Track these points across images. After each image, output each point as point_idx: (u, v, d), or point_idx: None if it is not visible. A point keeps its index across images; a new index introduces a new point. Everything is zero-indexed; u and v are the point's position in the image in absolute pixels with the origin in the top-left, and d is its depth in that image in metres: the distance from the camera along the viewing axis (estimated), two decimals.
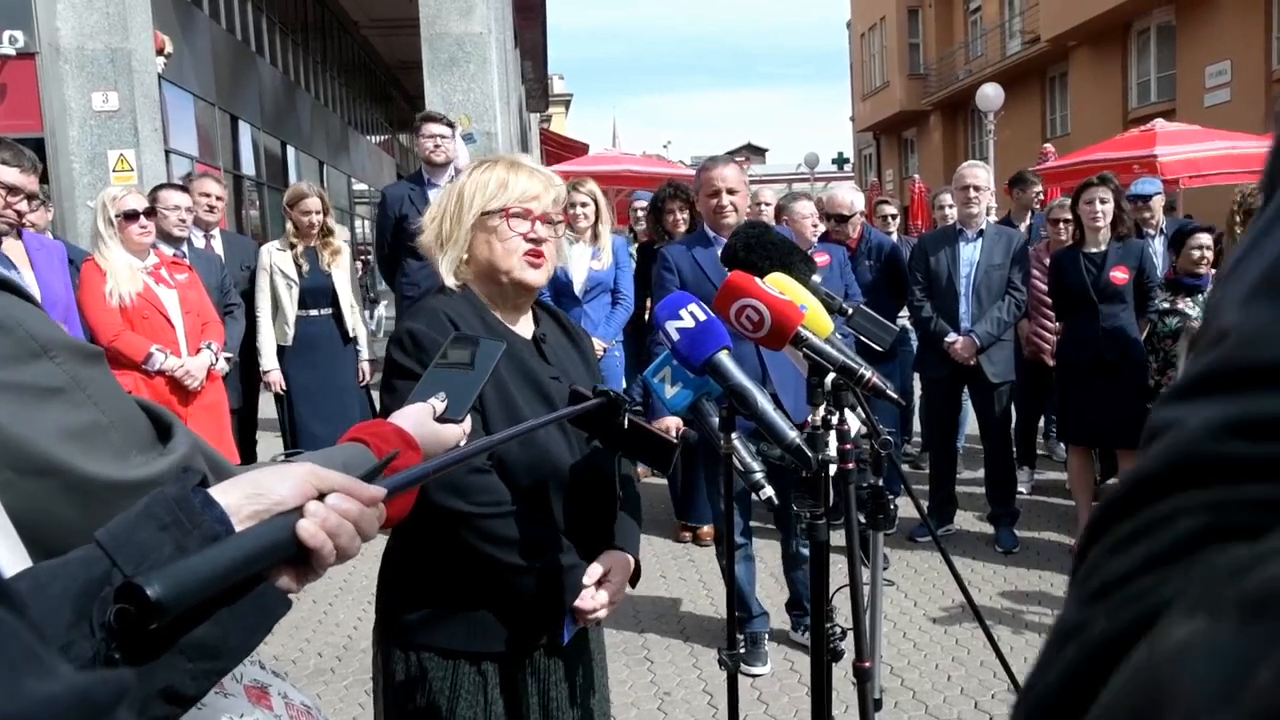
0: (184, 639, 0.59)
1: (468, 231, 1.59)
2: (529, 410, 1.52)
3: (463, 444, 1.08)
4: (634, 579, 1.69)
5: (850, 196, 5.16)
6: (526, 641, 1.57)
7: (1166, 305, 4.50)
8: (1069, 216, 4.68)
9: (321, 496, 0.68)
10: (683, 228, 4.61)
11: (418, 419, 1.03)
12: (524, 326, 1.67)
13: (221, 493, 0.65)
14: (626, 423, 1.33)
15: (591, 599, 1.55)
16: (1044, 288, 4.81)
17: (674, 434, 1.67)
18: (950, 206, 5.49)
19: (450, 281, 1.61)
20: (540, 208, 1.59)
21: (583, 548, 1.60)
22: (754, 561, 3.50)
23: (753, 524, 3.61)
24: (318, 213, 4.58)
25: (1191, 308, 4.47)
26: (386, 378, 1.58)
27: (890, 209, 6.30)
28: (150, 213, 3.77)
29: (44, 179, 6.06)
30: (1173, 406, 0.36)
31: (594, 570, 1.57)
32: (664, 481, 4.87)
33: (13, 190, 3.00)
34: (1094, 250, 4.28)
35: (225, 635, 0.62)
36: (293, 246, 4.58)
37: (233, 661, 0.64)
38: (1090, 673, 0.32)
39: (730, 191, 3.22)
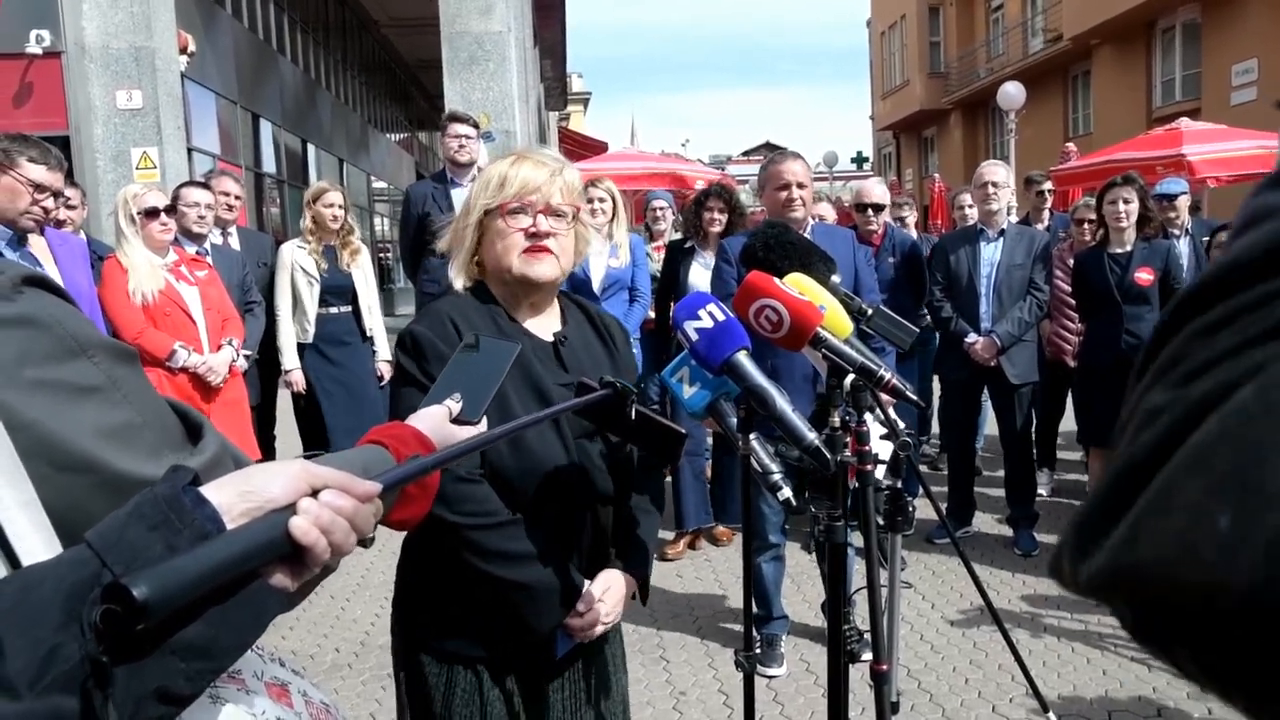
0: (175, 639, 0.59)
1: (473, 232, 1.57)
2: (525, 416, 1.49)
3: None
4: (644, 593, 1.67)
5: (880, 189, 5.19)
6: (521, 651, 1.54)
7: None
8: (1093, 217, 4.63)
9: (315, 493, 0.68)
10: (718, 228, 4.59)
11: (434, 421, 1.03)
12: (542, 326, 1.61)
13: (213, 491, 0.64)
14: (634, 413, 1.31)
15: (582, 618, 1.52)
16: (1066, 288, 4.77)
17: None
18: (970, 206, 5.45)
19: (459, 284, 1.59)
20: (542, 199, 1.53)
21: (581, 559, 1.56)
22: (784, 562, 3.49)
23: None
24: (340, 206, 4.60)
25: None
26: (392, 381, 1.58)
27: (904, 212, 6.31)
28: (170, 210, 3.81)
29: (70, 177, 6.14)
30: (1270, 193, 0.35)
31: (589, 592, 1.54)
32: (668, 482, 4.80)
33: (40, 187, 3.04)
34: (1119, 251, 4.23)
35: (218, 634, 0.61)
36: (311, 242, 4.60)
37: (227, 660, 0.63)
38: (1185, 435, 0.32)
39: (799, 185, 3.24)
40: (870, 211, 4.93)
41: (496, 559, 1.46)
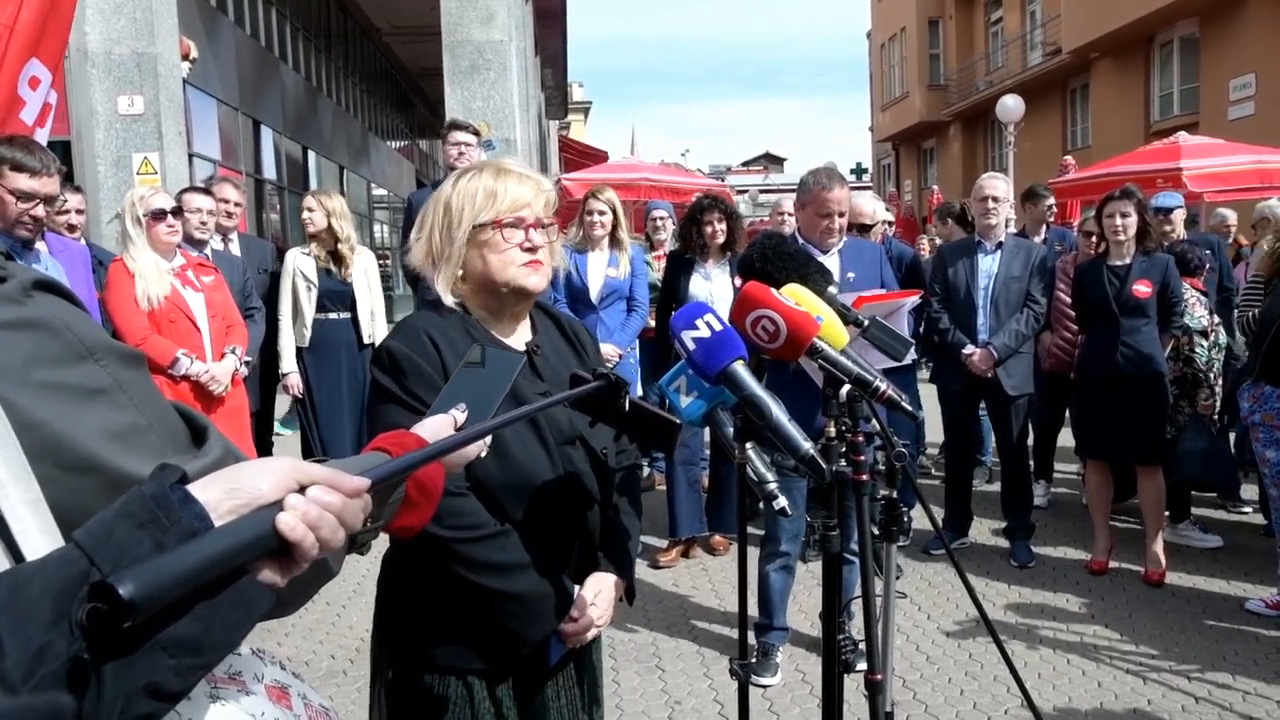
0: (164, 635, 0.59)
1: (461, 247, 1.53)
2: (507, 428, 1.46)
3: (483, 454, 1.08)
4: (630, 595, 1.67)
5: (871, 205, 5.19)
6: (513, 660, 1.55)
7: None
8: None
9: (304, 490, 0.68)
10: (721, 239, 4.56)
11: (439, 430, 1.04)
12: (517, 338, 1.62)
13: (200, 489, 0.64)
14: (628, 405, 1.33)
15: (576, 623, 1.53)
16: (1068, 300, 4.78)
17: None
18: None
19: (449, 300, 1.57)
20: (532, 214, 1.54)
21: (570, 565, 1.57)
22: (793, 574, 3.45)
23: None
24: (311, 209, 4.63)
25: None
26: (369, 398, 1.54)
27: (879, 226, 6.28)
28: (177, 212, 3.82)
29: (71, 181, 6.15)
30: None
31: (581, 596, 1.55)
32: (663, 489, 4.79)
33: (25, 196, 2.94)
34: (1118, 263, 4.25)
35: (206, 630, 0.61)
36: (316, 249, 4.62)
37: (216, 656, 0.63)
38: None
39: (840, 215, 3.37)
40: (855, 232, 4.92)
41: (486, 570, 1.47)
